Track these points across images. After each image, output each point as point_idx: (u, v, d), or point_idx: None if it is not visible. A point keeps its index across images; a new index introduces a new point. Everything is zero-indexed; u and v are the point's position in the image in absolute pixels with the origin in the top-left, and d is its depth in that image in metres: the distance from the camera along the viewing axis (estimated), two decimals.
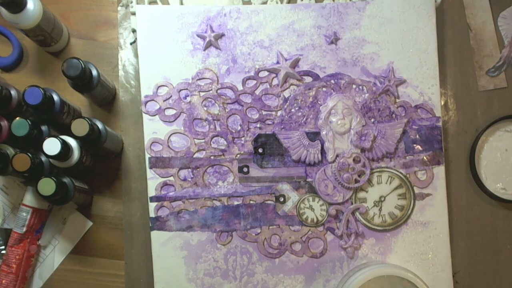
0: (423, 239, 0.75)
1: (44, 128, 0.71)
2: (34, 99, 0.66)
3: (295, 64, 0.77)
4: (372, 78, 0.77)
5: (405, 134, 0.76)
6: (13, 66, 0.80)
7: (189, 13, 0.76)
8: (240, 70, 0.76)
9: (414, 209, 0.75)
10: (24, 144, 0.69)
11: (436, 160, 0.76)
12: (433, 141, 0.76)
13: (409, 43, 0.77)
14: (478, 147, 0.79)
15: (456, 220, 0.78)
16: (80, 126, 0.66)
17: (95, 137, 0.69)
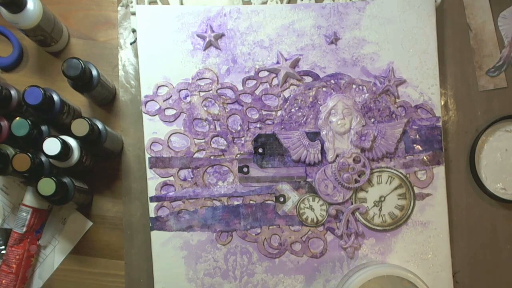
0: (423, 239, 0.75)
1: (44, 128, 0.71)
2: (34, 99, 0.66)
3: (295, 64, 0.77)
4: (372, 78, 0.77)
5: (405, 134, 0.76)
6: (13, 66, 0.80)
7: (189, 13, 0.76)
8: (240, 70, 0.76)
9: (414, 209, 0.75)
10: (24, 144, 0.69)
11: (436, 160, 0.76)
12: (433, 141, 0.76)
13: (409, 43, 0.77)
14: (478, 147, 0.79)
15: (456, 220, 0.78)
16: (80, 126, 0.66)
17: (95, 137, 0.69)
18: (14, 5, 0.68)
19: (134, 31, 0.78)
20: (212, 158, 0.75)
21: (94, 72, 0.72)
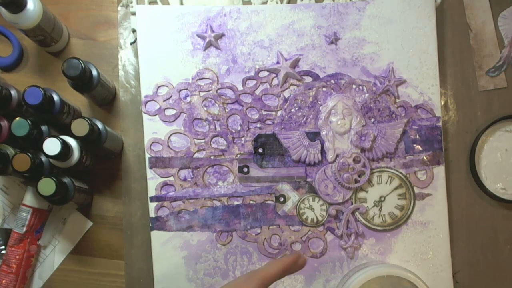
0: (423, 239, 0.75)
1: (44, 128, 0.71)
2: (34, 99, 0.66)
3: (295, 64, 0.77)
4: (372, 78, 0.77)
5: (405, 134, 0.76)
6: (13, 66, 0.80)
7: (189, 13, 0.76)
8: (240, 70, 0.76)
9: (414, 209, 0.75)
10: (24, 144, 0.68)
11: (436, 160, 0.76)
12: (433, 141, 0.76)
13: (409, 43, 0.77)
14: (478, 147, 0.79)
15: (456, 220, 0.78)
16: (80, 126, 0.66)
17: (95, 137, 0.69)
18: (14, 5, 0.68)
19: (134, 31, 0.78)
20: (212, 158, 0.75)
21: (94, 72, 0.72)
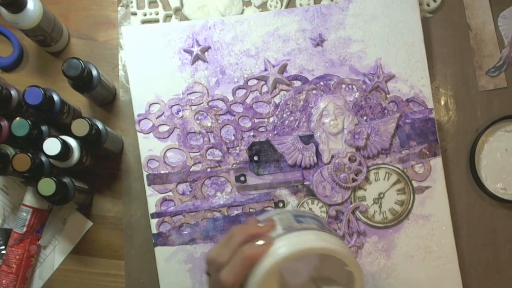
0: (426, 232, 0.75)
1: (44, 128, 0.71)
2: (34, 99, 0.66)
3: (283, 69, 0.77)
4: (361, 76, 0.77)
5: (399, 128, 0.76)
6: (13, 66, 0.80)
7: (174, 29, 0.77)
8: (229, 81, 0.77)
9: (415, 203, 0.75)
10: (24, 144, 0.69)
11: (432, 152, 0.76)
12: (427, 133, 0.76)
13: (395, 38, 0.77)
14: (478, 147, 0.78)
15: (456, 220, 0.77)
16: (80, 126, 0.67)
17: (95, 137, 0.69)
18: (14, 5, 0.69)
19: None
20: (208, 170, 0.75)
21: (94, 72, 0.72)
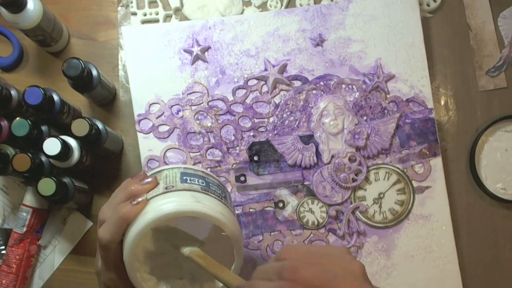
0: (426, 232, 0.75)
1: (44, 128, 0.71)
2: (34, 99, 0.66)
3: (283, 69, 0.77)
4: (361, 76, 0.77)
5: (399, 128, 0.76)
6: (13, 66, 0.80)
7: (174, 29, 0.77)
8: (229, 81, 0.77)
9: (415, 203, 0.75)
10: (24, 144, 0.69)
11: (432, 152, 0.76)
12: (427, 133, 0.76)
13: (395, 38, 0.77)
14: (478, 147, 0.78)
15: (456, 220, 0.77)
16: (80, 126, 0.67)
17: (95, 137, 0.69)
18: (14, 5, 0.69)
19: None
20: (208, 170, 0.75)
21: (94, 72, 0.72)
